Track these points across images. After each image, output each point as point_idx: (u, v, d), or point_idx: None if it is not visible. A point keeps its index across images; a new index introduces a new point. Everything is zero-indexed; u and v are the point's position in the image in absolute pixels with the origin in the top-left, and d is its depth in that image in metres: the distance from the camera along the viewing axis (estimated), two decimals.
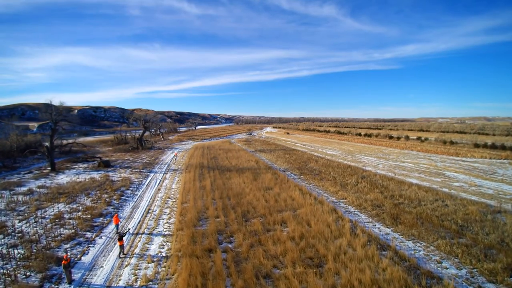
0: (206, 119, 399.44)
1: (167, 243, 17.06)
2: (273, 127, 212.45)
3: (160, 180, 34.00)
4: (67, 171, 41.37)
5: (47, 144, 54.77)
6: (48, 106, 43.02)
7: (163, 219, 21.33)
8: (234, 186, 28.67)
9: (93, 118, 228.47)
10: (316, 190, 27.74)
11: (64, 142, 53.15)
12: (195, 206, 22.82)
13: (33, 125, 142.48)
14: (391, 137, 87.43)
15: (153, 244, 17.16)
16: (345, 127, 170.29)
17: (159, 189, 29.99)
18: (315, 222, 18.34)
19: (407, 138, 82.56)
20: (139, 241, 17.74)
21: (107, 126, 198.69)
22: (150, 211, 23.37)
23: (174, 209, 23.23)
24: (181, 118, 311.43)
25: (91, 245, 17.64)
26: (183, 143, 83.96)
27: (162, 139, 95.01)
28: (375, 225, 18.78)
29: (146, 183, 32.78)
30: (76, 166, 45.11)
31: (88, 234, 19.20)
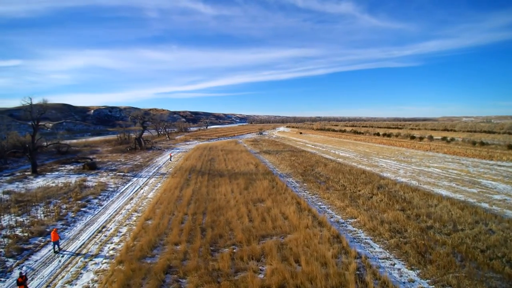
0: (221, 118, 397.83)
1: (95, 286, 12.15)
2: (287, 126, 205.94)
3: (140, 187, 29.43)
4: (48, 173, 37.76)
5: (45, 144, 52.08)
6: (29, 105, 39.50)
7: (111, 242, 16.50)
8: (218, 197, 23.56)
9: (108, 118, 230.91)
10: (319, 204, 22.11)
11: (57, 143, 50.29)
12: (158, 226, 17.89)
13: (48, 124, 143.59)
14: (413, 137, 79.41)
15: (75, 285, 12.30)
16: (362, 126, 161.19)
17: (131, 199, 25.36)
18: (307, 259, 12.86)
19: (430, 138, 74.46)
20: (63, 277, 12.95)
21: (121, 126, 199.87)
22: (104, 229, 18.66)
23: (134, 228, 18.40)
24: (196, 118, 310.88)
25: (2, 279, 13.06)
26: (188, 143, 79.86)
27: (167, 138, 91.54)
28: (394, 265, 13.06)
29: (122, 190, 28.28)
30: (62, 168, 41.55)
31: (10, 262, 14.66)
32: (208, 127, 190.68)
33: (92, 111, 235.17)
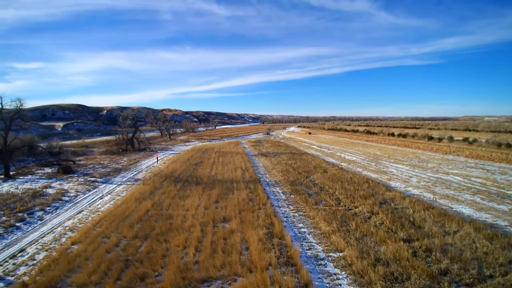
0: (233, 118, 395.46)
1: None
2: (298, 126, 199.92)
3: (100, 196, 25.53)
4: (21, 178, 34.70)
5: (41, 145, 49.58)
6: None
7: (13, 275, 12.47)
8: (177, 213, 19.16)
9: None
10: (299, 226, 17.24)
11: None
12: (79, 255, 13.72)
13: (59, 124, 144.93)
14: (430, 138, 72.32)
15: None
16: (377, 126, 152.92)
17: (80, 212, 21.41)
18: None
19: (450, 139, 67.24)
20: None
21: (131, 126, 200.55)
22: (19, 254, 14.74)
23: (53, 254, 14.31)
24: (208, 118, 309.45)
25: None
26: (187, 144, 76.23)
27: (168, 139, 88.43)
28: None
29: (78, 200, 24.45)
30: (40, 172, 38.50)
31: None
32: (217, 127, 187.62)
33: (105, 111, 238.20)
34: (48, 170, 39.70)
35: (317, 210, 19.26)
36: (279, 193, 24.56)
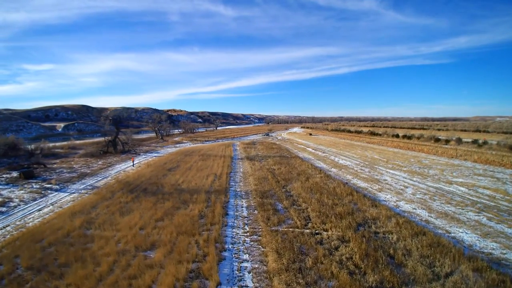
0: (239, 119, 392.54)
1: None
2: (301, 127, 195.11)
3: (41, 208, 22.17)
4: None
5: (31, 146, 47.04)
6: None
7: None
8: (103, 235, 15.57)
9: (123, 119, 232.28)
10: (243, 258, 13.37)
11: None
12: None
13: (60, 125, 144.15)
14: (437, 140, 67.25)
15: None
16: (383, 126, 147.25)
17: (4, 227, 18.06)
18: None
19: (458, 141, 62.09)
20: None
21: (135, 126, 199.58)
22: None
23: None
24: (214, 118, 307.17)
25: None
26: (177, 145, 72.84)
27: (160, 140, 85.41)
28: None
29: (14, 212, 21.11)
30: (5, 176, 35.59)
31: None
32: (219, 128, 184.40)
33: (109, 111, 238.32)
34: (14, 174, 36.80)
35: (276, 233, 15.37)
36: (242, 207, 20.72)
